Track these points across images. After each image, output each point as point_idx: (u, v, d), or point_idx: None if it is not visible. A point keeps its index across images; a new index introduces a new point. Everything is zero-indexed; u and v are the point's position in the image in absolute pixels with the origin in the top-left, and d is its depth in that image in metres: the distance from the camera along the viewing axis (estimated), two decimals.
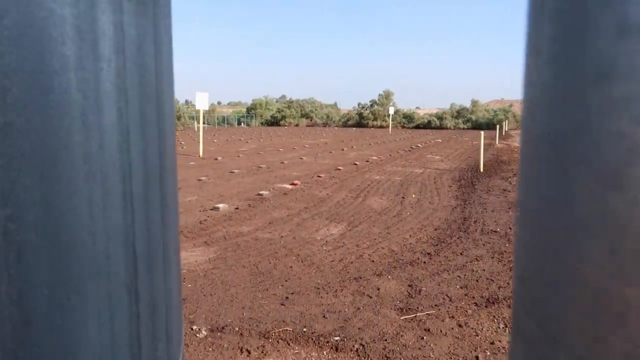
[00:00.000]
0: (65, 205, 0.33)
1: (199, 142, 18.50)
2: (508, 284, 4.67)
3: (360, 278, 4.83)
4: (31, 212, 0.32)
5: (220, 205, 8.05)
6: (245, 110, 70.09)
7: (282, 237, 6.34)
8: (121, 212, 0.36)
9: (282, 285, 4.62)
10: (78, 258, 0.34)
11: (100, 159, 0.34)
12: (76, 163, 0.34)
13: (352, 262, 5.33)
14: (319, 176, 12.05)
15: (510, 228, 6.87)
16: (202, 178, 11.59)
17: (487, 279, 4.82)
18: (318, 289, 4.54)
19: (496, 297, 4.34)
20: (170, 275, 0.42)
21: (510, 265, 5.22)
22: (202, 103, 16.70)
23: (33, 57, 0.32)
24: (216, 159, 16.36)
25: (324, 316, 3.94)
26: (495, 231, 6.70)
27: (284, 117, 60.55)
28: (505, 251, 5.73)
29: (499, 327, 3.77)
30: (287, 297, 4.33)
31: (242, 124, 61.15)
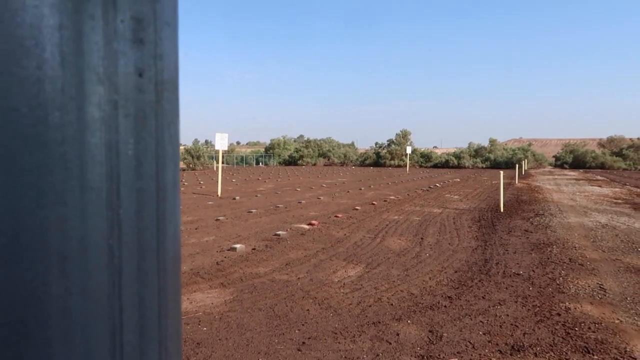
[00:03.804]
0: None
1: (217, 182, 18.70)
2: (534, 330, 4.48)
3: (379, 322, 4.69)
4: None
5: (237, 246, 8.02)
6: (263, 150, 71.05)
7: (299, 279, 6.25)
8: None
9: (298, 330, 4.51)
10: None
11: (83, 313, 0.29)
12: (52, 321, 0.28)
13: (370, 306, 5.20)
14: (336, 216, 11.99)
15: (533, 271, 6.66)
16: (220, 218, 11.63)
17: (511, 324, 4.63)
18: (335, 333, 4.42)
19: (521, 344, 4.16)
20: None
21: (536, 311, 5.02)
22: (221, 144, 16.98)
23: (1, 190, 0.27)
24: (234, 199, 16.46)
25: None
26: (518, 274, 6.50)
27: (301, 157, 61.05)
28: (529, 295, 5.54)
29: None
30: (303, 342, 4.22)
31: (261, 163, 61.81)
